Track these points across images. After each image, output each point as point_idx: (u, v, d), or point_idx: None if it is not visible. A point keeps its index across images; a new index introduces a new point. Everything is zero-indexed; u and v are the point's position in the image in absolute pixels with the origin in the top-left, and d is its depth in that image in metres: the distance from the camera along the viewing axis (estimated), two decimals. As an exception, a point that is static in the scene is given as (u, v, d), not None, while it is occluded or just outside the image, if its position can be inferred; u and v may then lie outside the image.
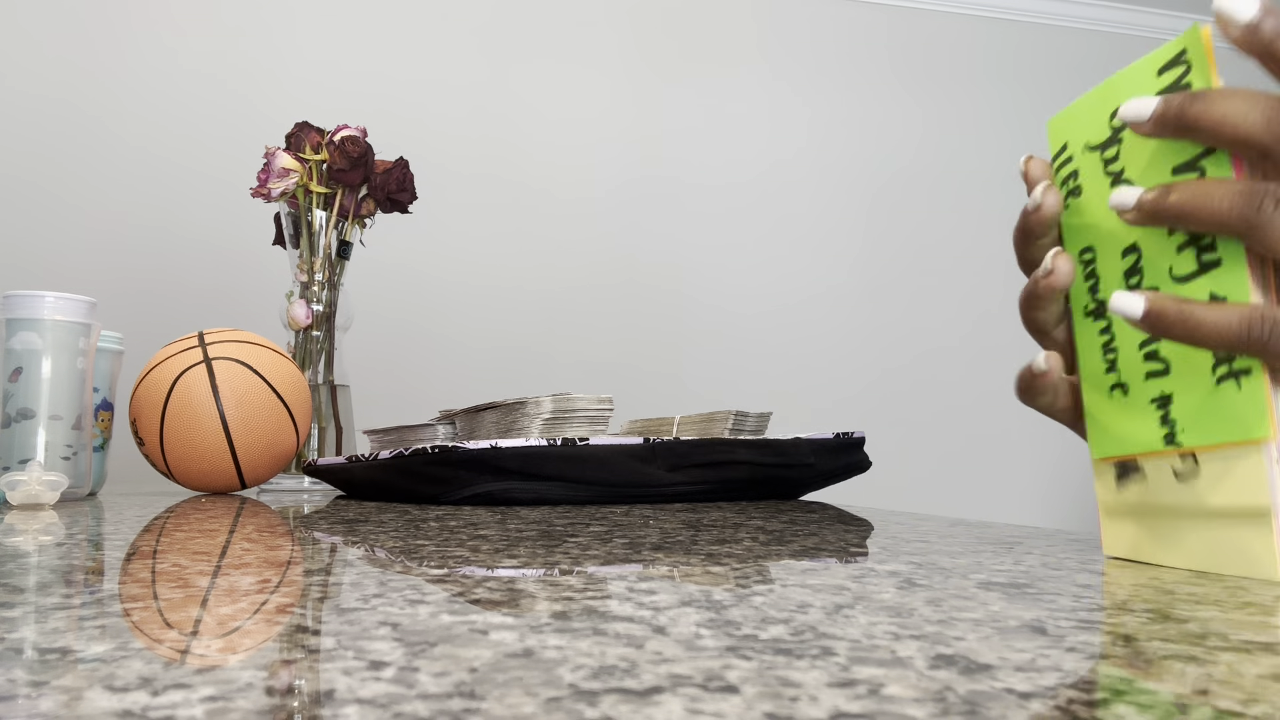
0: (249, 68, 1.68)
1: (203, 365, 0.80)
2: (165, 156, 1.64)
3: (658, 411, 1.80)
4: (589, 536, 0.43)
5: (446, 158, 1.75)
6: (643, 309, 1.83)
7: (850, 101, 1.98)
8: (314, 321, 0.98)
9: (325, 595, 0.26)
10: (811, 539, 0.43)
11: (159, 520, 0.52)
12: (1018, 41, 2.08)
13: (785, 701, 0.16)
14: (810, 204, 1.94)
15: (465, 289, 1.75)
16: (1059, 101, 2.09)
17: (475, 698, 0.16)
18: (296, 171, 0.96)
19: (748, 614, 0.24)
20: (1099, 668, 0.19)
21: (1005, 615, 0.24)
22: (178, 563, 0.33)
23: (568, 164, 1.82)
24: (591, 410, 0.75)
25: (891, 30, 2.01)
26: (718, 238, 1.89)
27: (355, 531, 0.46)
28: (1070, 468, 2.02)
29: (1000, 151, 2.05)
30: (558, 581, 0.29)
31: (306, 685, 0.17)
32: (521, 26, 1.82)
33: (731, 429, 0.82)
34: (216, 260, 1.63)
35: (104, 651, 0.19)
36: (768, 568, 0.33)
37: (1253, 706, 0.16)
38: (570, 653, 0.19)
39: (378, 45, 1.75)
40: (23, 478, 0.65)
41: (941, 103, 2.03)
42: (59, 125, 1.60)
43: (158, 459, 0.81)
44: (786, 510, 0.62)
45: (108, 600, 0.25)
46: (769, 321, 1.89)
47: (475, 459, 0.65)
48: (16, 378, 0.72)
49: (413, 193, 1.03)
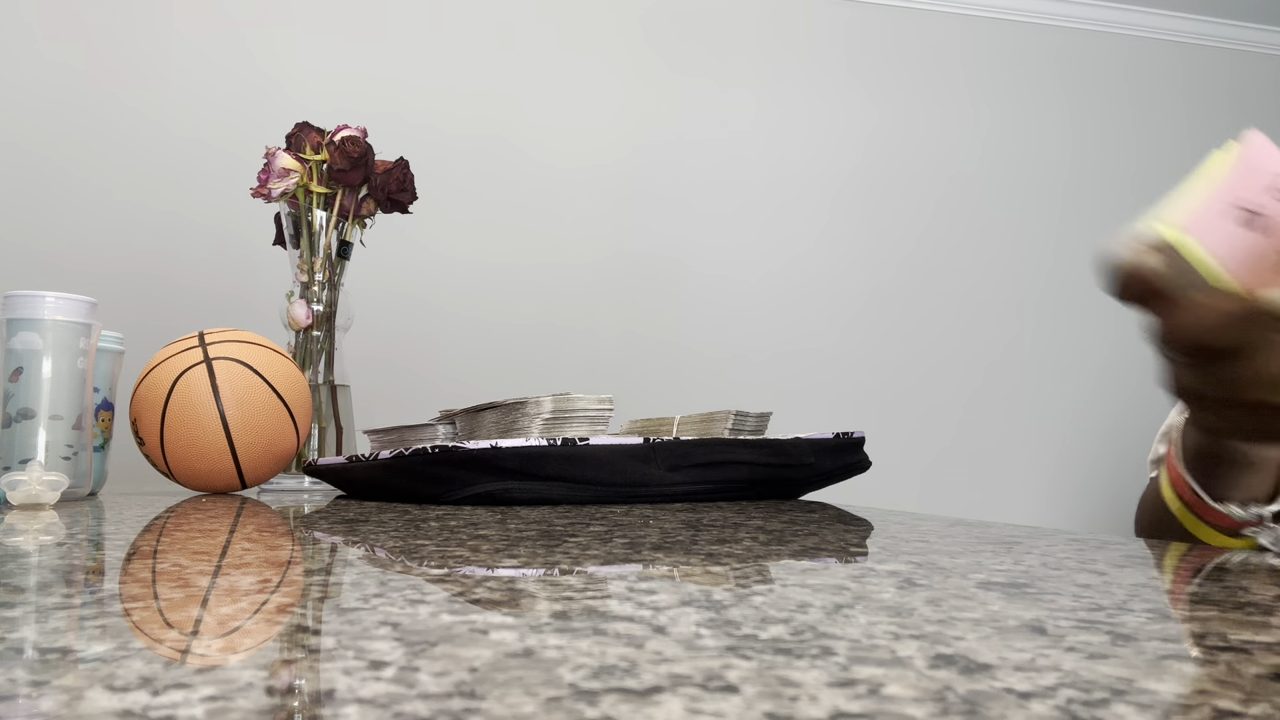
0: (249, 68, 1.68)
1: (203, 365, 0.80)
2: (166, 156, 1.64)
3: (658, 411, 1.80)
4: (589, 536, 0.43)
5: (447, 158, 1.75)
6: (643, 309, 1.83)
7: (852, 101, 1.98)
8: (314, 321, 0.98)
9: (325, 595, 0.26)
10: (811, 539, 0.43)
11: (159, 520, 0.52)
12: (1018, 41, 2.08)
13: (785, 701, 0.16)
14: (812, 203, 1.94)
15: (465, 289, 1.75)
16: (1059, 101, 2.09)
17: (475, 698, 0.16)
18: (297, 171, 0.96)
19: (748, 614, 0.24)
20: (1099, 668, 0.19)
21: (1005, 615, 0.24)
22: (178, 563, 0.33)
23: (568, 164, 1.82)
24: (591, 410, 0.75)
25: (892, 30, 2.01)
26: (718, 238, 1.89)
27: (355, 531, 0.46)
28: (1070, 468, 2.02)
29: (1001, 151, 2.05)
30: (558, 581, 0.29)
31: (307, 685, 0.17)
32: (521, 26, 1.82)
33: (731, 429, 0.82)
34: (217, 260, 1.64)
35: (104, 651, 0.19)
36: (768, 568, 0.33)
37: (1253, 706, 0.16)
38: (570, 652, 0.19)
39: (378, 45, 1.75)
40: (23, 478, 0.65)
41: (945, 103, 2.03)
42: (59, 125, 1.60)
43: (158, 459, 0.81)
44: (786, 510, 0.62)
45: (108, 600, 0.25)
46: (769, 321, 1.89)
47: (475, 459, 0.65)
48: (17, 378, 0.72)
49: (413, 193, 1.03)
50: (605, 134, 1.84)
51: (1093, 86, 2.11)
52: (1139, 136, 2.12)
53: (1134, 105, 2.13)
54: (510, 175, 1.79)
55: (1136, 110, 2.13)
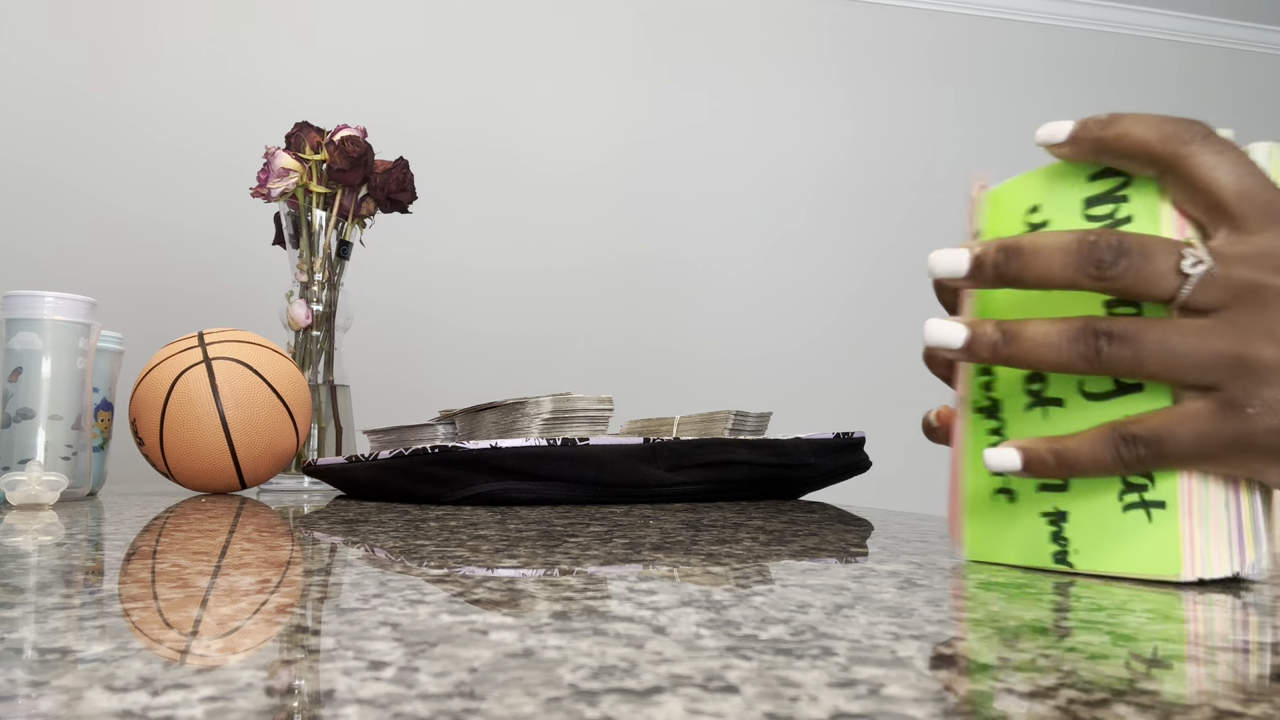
0: (249, 67, 1.68)
1: (202, 365, 0.80)
2: (165, 156, 1.64)
3: (658, 411, 1.80)
4: (589, 536, 0.43)
5: (447, 158, 1.75)
6: (643, 309, 1.83)
7: (852, 100, 1.98)
8: (314, 321, 0.98)
9: (325, 595, 0.26)
10: (811, 539, 0.43)
11: (159, 520, 0.52)
12: (1018, 41, 2.08)
13: (785, 702, 0.16)
14: (812, 203, 1.94)
15: (465, 289, 1.75)
16: (1059, 101, 2.09)
17: (475, 698, 0.16)
18: (296, 171, 0.96)
19: (748, 614, 0.24)
20: (1099, 668, 0.19)
21: (1005, 615, 0.24)
22: (177, 563, 0.33)
23: (568, 164, 1.82)
24: (591, 410, 0.75)
25: (892, 30, 2.01)
26: (718, 238, 1.89)
27: (355, 531, 0.46)
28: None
29: (1001, 151, 2.05)
30: (558, 581, 0.29)
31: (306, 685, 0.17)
32: (521, 26, 1.82)
33: (731, 429, 0.82)
34: (216, 260, 1.63)
35: (104, 651, 0.19)
36: (768, 568, 0.33)
37: (1253, 707, 0.16)
38: (570, 653, 0.19)
39: (378, 45, 1.75)
40: (22, 478, 0.65)
41: (946, 102, 2.03)
42: (59, 125, 1.60)
43: (157, 459, 0.81)
44: (786, 510, 0.62)
45: (108, 600, 0.25)
46: (770, 321, 1.89)
47: (475, 459, 0.65)
48: (16, 378, 0.72)
49: (413, 192, 1.03)
50: (606, 135, 1.84)
51: (1090, 86, 2.11)
52: (1139, 136, 2.12)
53: (1133, 105, 2.13)
54: (511, 175, 1.79)
55: (1135, 109, 2.13)
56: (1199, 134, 0.31)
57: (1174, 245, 0.30)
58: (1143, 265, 0.30)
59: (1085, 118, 0.32)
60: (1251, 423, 0.29)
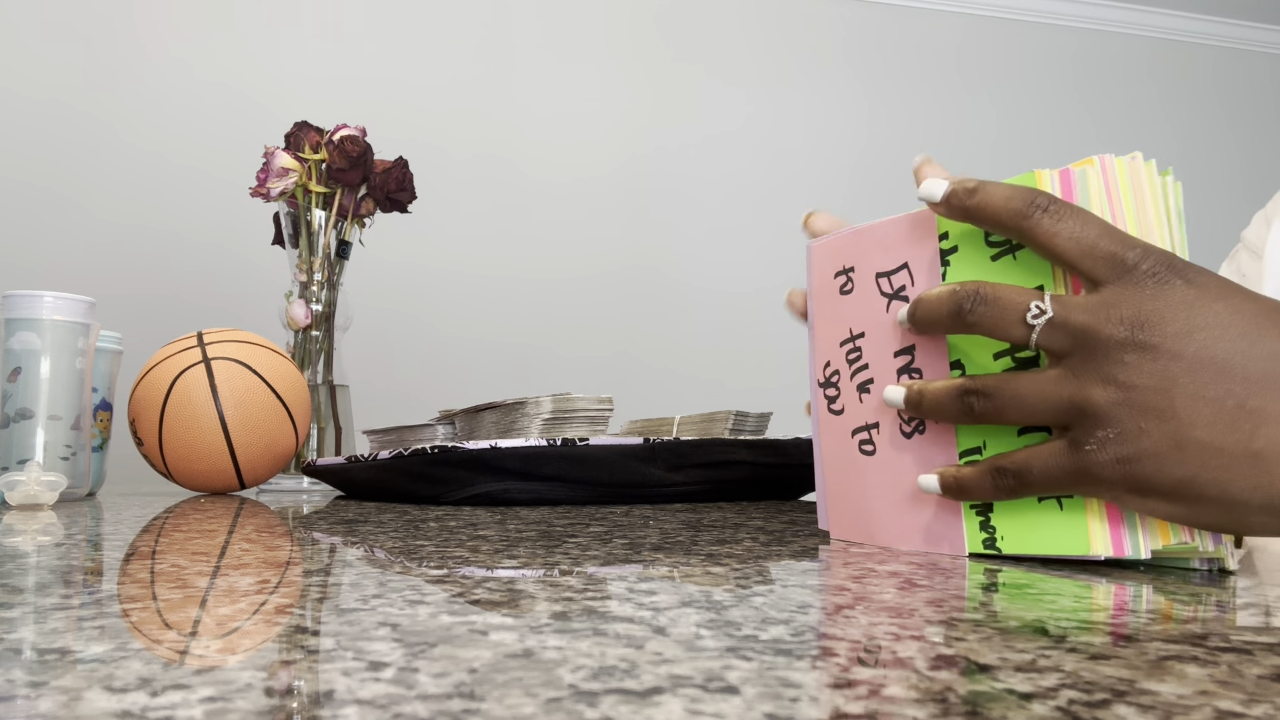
0: (248, 67, 1.68)
1: (201, 365, 0.80)
2: (164, 156, 1.64)
3: (658, 411, 1.79)
4: (589, 536, 0.43)
5: (446, 157, 1.75)
6: (643, 309, 1.83)
7: (851, 99, 1.98)
8: (313, 321, 0.98)
9: (325, 596, 0.26)
10: (811, 539, 0.43)
11: (158, 520, 0.52)
12: (1018, 42, 2.08)
13: (785, 702, 0.16)
14: (811, 202, 1.94)
15: (465, 289, 1.75)
16: (1058, 101, 2.09)
17: (475, 698, 0.16)
18: (296, 171, 0.96)
19: (748, 614, 0.24)
20: (1099, 668, 0.19)
21: (1005, 615, 0.24)
22: (177, 563, 0.33)
23: (568, 164, 1.82)
24: (591, 410, 0.75)
25: (891, 28, 2.01)
26: (718, 238, 1.89)
27: (355, 532, 0.46)
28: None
29: (1001, 150, 2.05)
30: (558, 582, 0.29)
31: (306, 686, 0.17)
32: (520, 25, 1.82)
33: (731, 429, 0.82)
34: (216, 260, 1.63)
35: (103, 652, 0.19)
36: (768, 568, 0.33)
37: (1253, 707, 0.16)
38: (570, 653, 0.19)
39: (377, 44, 1.74)
40: (21, 478, 0.65)
41: (943, 101, 2.03)
42: (59, 126, 1.60)
43: (156, 459, 0.81)
44: (786, 510, 0.62)
45: (107, 601, 0.25)
46: (770, 321, 1.89)
47: (475, 459, 0.65)
48: (15, 378, 0.72)
49: (412, 192, 1.03)
50: (606, 135, 1.84)
51: (1092, 85, 2.11)
52: (1139, 135, 2.12)
53: (1133, 104, 2.13)
54: (510, 175, 1.79)
55: (1136, 109, 2.13)
56: (1039, 205, 0.34)
57: (1027, 296, 0.34)
58: (997, 314, 0.34)
59: (955, 184, 0.36)
60: (1090, 457, 0.32)
